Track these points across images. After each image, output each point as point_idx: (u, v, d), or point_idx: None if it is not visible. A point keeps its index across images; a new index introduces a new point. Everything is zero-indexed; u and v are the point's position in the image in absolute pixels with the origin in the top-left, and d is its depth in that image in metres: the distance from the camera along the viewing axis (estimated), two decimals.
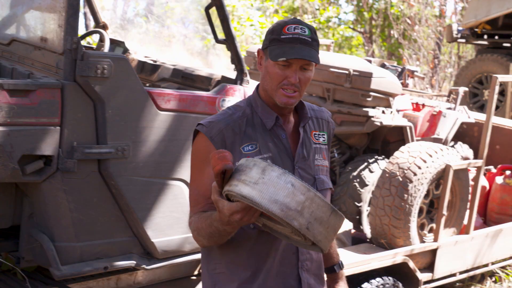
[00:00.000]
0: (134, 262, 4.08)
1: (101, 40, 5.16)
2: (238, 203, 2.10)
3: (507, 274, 6.62)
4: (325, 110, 2.70)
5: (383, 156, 6.11)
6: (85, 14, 13.72)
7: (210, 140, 2.41)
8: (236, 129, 2.44)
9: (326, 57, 6.12)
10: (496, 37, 12.76)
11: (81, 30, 14.48)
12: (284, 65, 2.39)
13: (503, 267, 6.66)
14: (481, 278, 6.59)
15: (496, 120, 7.52)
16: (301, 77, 2.40)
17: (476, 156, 6.89)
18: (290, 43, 2.37)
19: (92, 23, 5.67)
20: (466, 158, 6.87)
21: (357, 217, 5.83)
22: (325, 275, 2.68)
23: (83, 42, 5.59)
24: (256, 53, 2.98)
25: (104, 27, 5.54)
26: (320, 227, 2.04)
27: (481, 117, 7.44)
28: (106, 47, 4.89)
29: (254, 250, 2.45)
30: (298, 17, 18.90)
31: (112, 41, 5.54)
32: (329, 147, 2.65)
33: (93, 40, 9.52)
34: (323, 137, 2.61)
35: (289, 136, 2.52)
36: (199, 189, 2.44)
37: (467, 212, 5.84)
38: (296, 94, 2.42)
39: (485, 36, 12.79)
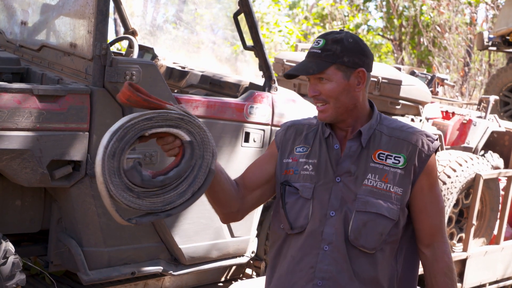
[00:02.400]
0: (161, 267, 4.09)
1: (130, 46, 5.18)
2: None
3: None
4: (419, 133, 2.44)
5: None
6: (115, 20, 13.82)
7: (275, 135, 2.58)
8: (299, 131, 2.52)
9: None
10: None
11: (111, 36, 14.59)
12: (308, 79, 2.41)
13: None
14: None
15: None
16: (320, 89, 2.37)
17: (507, 166, 6.81)
18: (304, 59, 2.41)
19: (122, 29, 5.70)
20: (496, 168, 6.79)
21: None
22: None
23: (112, 48, 5.62)
24: (284, 60, 2.95)
25: (134, 33, 5.56)
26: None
27: None
28: (135, 53, 4.91)
29: (280, 250, 2.49)
30: (327, 25, 18.89)
31: (141, 47, 5.56)
32: (409, 173, 2.38)
33: (122, 46, 9.58)
34: (397, 160, 2.39)
35: (345, 148, 2.44)
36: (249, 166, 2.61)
37: (497, 222, 5.77)
38: (325, 107, 2.37)
39: None
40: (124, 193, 2.07)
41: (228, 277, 4.75)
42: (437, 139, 2.46)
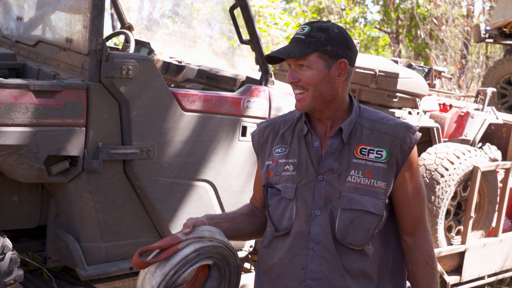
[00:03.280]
0: None
1: (127, 41, 5.17)
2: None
3: None
4: (401, 126, 2.40)
5: None
6: (112, 15, 13.81)
7: (251, 137, 2.58)
8: (275, 130, 2.49)
9: None
10: None
11: (108, 31, 14.56)
12: (289, 65, 2.39)
13: None
14: (510, 281, 6.51)
15: None
16: (300, 76, 2.34)
17: (504, 158, 6.81)
18: (288, 44, 2.40)
19: (119, 25, 5.70)
20: (494, 160, 6.80)
21: None
22: None
23: (109, 43, 5.61)
24: None
25: (130, 28, 5.56)
26: None
27: (509, 118, 7.36)
28: (132, 48, 4.90)
29: (266, 251, 2.48)
30: (324, 18, 18.86)
31: (138, 42, 5.55)
32: (391, 166, 2.35)
33: (120, 41, 9.58)
34: (379, 154, 2.35)
35: (325, 145, 2.41)
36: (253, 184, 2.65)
37: (496, 214, 5.77)
38: (304, 95, 2.35)
39: None
40: None
41: None
42: (418, 130, 2.44)
